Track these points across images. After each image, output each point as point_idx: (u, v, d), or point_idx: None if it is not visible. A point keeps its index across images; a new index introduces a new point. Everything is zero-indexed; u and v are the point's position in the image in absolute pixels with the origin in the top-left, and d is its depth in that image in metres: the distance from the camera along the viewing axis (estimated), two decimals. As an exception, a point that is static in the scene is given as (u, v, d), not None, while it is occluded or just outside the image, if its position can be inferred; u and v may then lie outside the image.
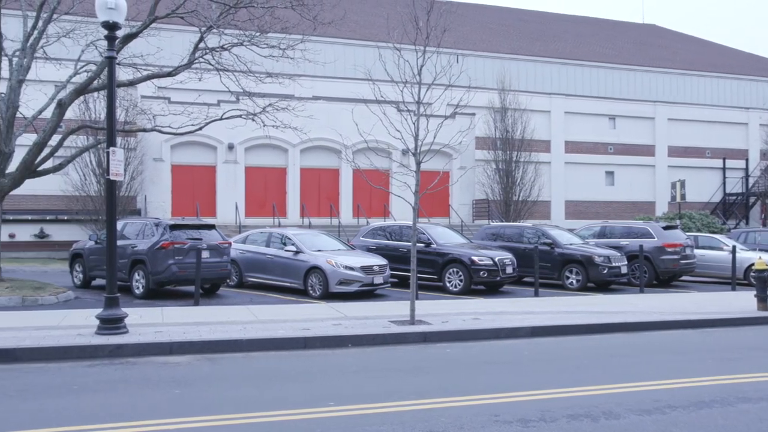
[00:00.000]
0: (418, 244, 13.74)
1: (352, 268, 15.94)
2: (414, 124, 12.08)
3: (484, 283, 17.60)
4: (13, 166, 16.51)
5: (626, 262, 19.05)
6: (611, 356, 10.06)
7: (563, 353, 10.36)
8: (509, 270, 17.64)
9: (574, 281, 18.59)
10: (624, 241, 20.31)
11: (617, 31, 51.35)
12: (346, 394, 7.50)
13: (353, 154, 20.31)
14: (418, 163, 12.15)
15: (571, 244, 19.22)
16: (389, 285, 17.11)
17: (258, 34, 16.45)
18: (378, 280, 16.35)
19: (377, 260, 16.77)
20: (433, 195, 17.97)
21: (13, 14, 18.92)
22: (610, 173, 40.12)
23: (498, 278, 17.40)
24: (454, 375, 8.65)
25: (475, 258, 17.21)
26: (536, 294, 16.67)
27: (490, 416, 6.60)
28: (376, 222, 24.33)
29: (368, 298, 16.00)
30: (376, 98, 12.68)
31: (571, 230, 22.22)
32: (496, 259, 17.39)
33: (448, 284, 17.38)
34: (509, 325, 11.86)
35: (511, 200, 34.28)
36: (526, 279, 19.70)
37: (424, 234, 17.96)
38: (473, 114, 31.40)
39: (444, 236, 18.69)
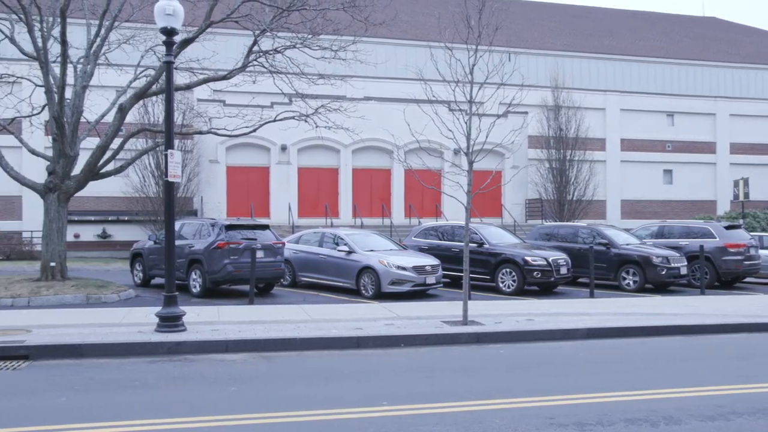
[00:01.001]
0: (470, 244, 13.64)
1: (404, 268, 15.95)
2: (466, 123, 12.00)
3: (538, 284, 17.36)
4: (77, 169, 17.13)
5: (686, 263, 18.51)
6: (671, 359, 9.78)
7: (620, 356, 10.13)
8: (563, 270, 17.36)
9: (631, 282, 18.15)
10: (683, 242, 19.72)
11: (675, 25, 49.91)
12: (399, 393, 7.51)
13: (405, 154, 20.33)
14: (471, 163, 12.07)
15: (627, 245, 18.78)
16: (441, 285, 17.06)
17: (310, 36, 16.64)
18: (430, 280, 16.31)
19: (429, 260, 16.73)
20: (485, 195, 17.82)
21: (77, 23, 19.62)
22: (668, 171, 39.03)
23: (552, 279, 17.14)
24: (507, 376, 8.57)
25: (528, 258, 16.99)
26: (592, 295, 16.35)
27: (546, 419, 6.51)
28: (428, 222, 24.27)
29: (420, 298, 15.98)
30: (427, 98, 12.64)
31: (627, 230, 21.70)
32: (550, 260, 17.13)
33: (501, 285, 17.21)
34: (564, 326, 11.67)
35: (565, 200, 33.74)
36: (581, 280, 19.34)
37: (476, 234, 17.83)
38: (526, 113, 30.97)
39: (497, 236, 18.51)
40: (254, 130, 18.43)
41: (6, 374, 8.39)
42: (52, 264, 16.10)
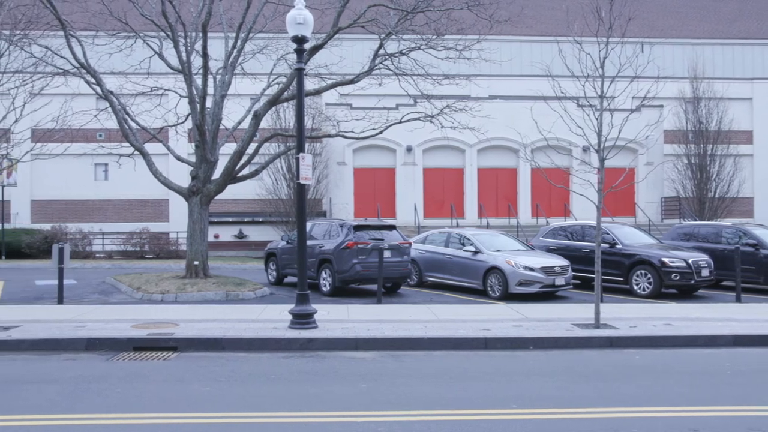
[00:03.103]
0: (602, 245, 13.13)
1: (532, 269, 15.64)
2: (597, 119, 11.58)
3: (676, 287, 16.40)
4: (216, 173, 18.22)
5: None
6: (832, 371, 8.91)
7: (772, 366, 9.35)
8: (705, 273, 16.28)
9: (784, 286, 16.71)
10: None
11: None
12: (528, 396, 7.37)
13: (532, 152, 19.90)
14: (602, 160, 11.62)
15: (779, 245, 17.30)
16: (571, 287, 16.55)
17: (435, 37, 16.71)
18: (559, 281, 15.87)
19: (558, 261, 16.29)
20: (616, 193, 17.12)
21: (216, 36, 20.87)
22: (828, 164, 35.49)
23: (692, 281, 16.13)
24: (644, 383, 8.15)
25: (665, 259, 16.09)
26: (738, 300, 15.20)
27: (689, 431, 6.13)
28: (556, 222, 23.63)
29: (549, 300, 15.58)
30: (555, 94, 12.32)
31: (779, 229, 19.96)
32: (690, 261, 16.12)
33: (635, 287, 16.42)
34: (707, 332, 10.94)
35: (706, 197, 31.61)
36: (725, 283, 18.05)
37: (608, 234, 17.13)
38: (661, 106, 29.34)
39: (630, 236, 17.70)
40: (380, 132, 18.77)
41: (158, 364, 9.10)
42: (196, 262, 17.23)
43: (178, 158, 18.87)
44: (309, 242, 15.02)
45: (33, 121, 12.58)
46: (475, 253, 16.66)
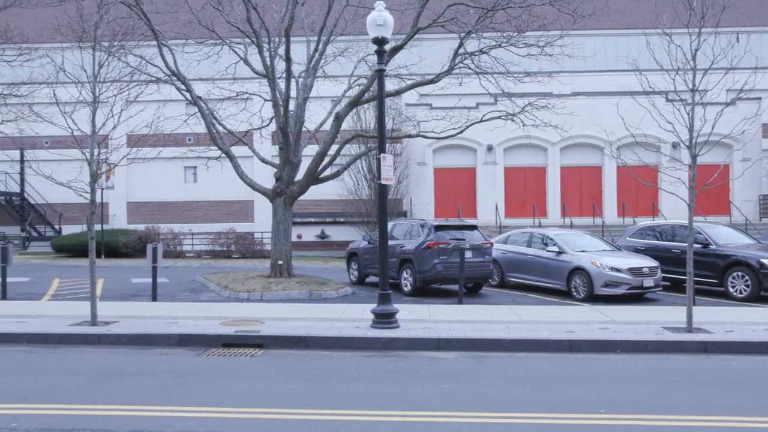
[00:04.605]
0: (694, 245, 12.57)
1: (618, 270, 15.16)
2: (688, 114, 11.10)
3: (777, 290, 15.51)
4: (299, 175, 18.62)
5: None
6: None
7: None
8: (809, 275, 15.31)
9: None
10: None
11: None
12: (617, 401, 7.15)
13: (618, 149, 19.28)
14: (694, 157, 11.12)
15: None
16: (660, 289, 15.94)
17: (516, 34, 16.47)
18: (648, 282, 15.32)
19: (646, 261, 15.72)
20: (709, 191, 16.33)
21: (298, 40, 21.32)
22: None
23: (795, 284, 15.21)
24: (743, 391, 7.74)
25: (764, 261, 15.23)
26: None
27: (791, 441, 5.80)
28: (644, 221, 22.80)
29: (637, 302, 15.06)
30: (643, 89, 11.88)
31: None
32: (792, 262, 15.20)
33: (731, 289, 15.63)
34: (812, 338, 10.28)
35: (810, 194, 29.71)
36: (831, 286, 16.91)
37: (700, 234, 16.40)
38: (759, 98, 27.72)
39: (724, 236, 16.86)
40: (460, 132, 18.66)
41: (245, 360, 9.39)
42: (280, 262, 17.66)
43: (263, 160, 19.38)
44: (390, 242, 15.09)
45: (128, 127, 13.26)
46: (559, 253, 16.31)
